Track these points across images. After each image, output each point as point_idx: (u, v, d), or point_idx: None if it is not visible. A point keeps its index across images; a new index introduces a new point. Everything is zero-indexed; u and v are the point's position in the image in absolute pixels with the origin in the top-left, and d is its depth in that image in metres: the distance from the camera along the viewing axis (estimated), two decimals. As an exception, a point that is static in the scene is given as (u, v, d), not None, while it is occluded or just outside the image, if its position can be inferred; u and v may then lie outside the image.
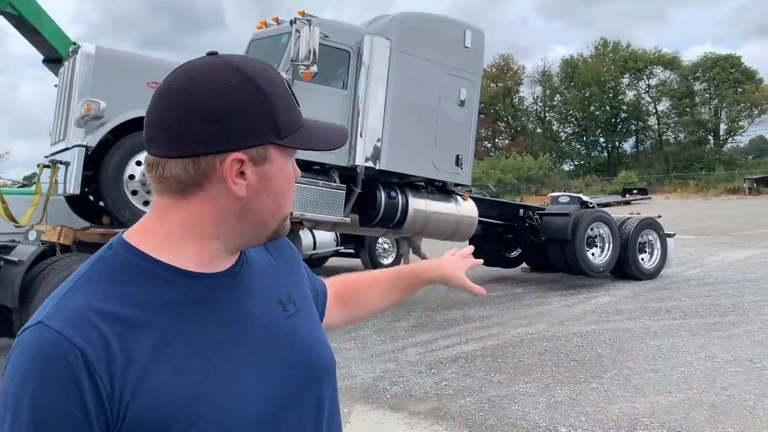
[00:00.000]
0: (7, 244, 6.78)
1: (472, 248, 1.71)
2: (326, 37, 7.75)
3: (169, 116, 0.95)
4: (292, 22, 7.62)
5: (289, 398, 1.03)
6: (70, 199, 7.83)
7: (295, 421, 1.03)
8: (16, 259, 6.24)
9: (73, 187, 6.77)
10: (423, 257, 11.95)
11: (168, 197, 0.99)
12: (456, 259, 1.62)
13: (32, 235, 6.48)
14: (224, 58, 0.98)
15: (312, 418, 1.07)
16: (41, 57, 9.22)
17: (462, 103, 9.02)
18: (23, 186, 11.09)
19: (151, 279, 0.96)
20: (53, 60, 8.52)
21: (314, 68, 7.39)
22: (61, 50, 8.18)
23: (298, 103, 1.03)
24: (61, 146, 7.36)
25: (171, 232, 0.99)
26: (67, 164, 6.99)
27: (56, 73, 8.32)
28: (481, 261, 1.74)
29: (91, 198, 8.01)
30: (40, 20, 8.06)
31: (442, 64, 8.76)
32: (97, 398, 0.86)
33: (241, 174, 0.97)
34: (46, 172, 7.55)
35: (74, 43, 7.69)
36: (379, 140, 8.17)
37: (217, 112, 0.93)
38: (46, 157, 7.84)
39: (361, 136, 8.07)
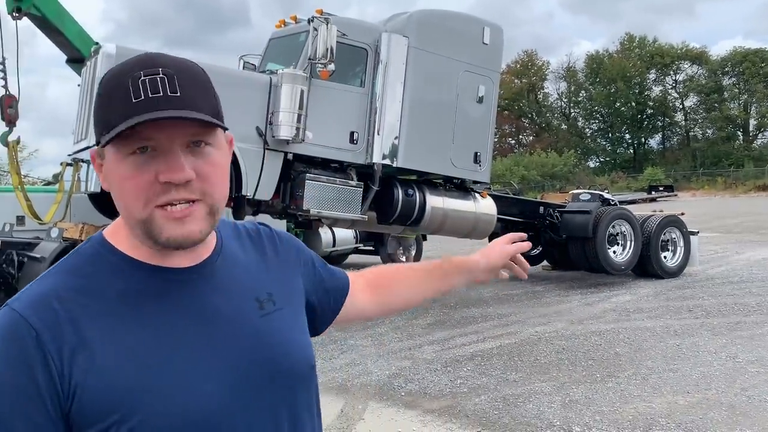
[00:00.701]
0: (30, 241, 6.93)
1: (523, 235, 1.59)
2: (344, 35, 7.77)
3: None
4: (309, 21, 7.65)
5: (247, 397, 1.02)
6: (93, 197, 7.96)
7: (252, 421, 1.02)
8: (38, 255, 6.38)
9: (95, 185, 6.89)
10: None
11: None
12: (499, 247, 1.53)
13: (54, 233, 6.61)
14: None
15: (272, 419, 1.05)
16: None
17: (480, 100, 8.97)
18: (49, 184, 11.28)
19: (114, 270, 1.01)
20: (76, 60, 8.65)
21: (332, 66, 7.43)
22: (83, 50, 8.29)
23: (154, 93, 0.94)
24: (83, 145, 7.48)
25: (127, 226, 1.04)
26: (88, 162, 7.11)
27: (79, 73, 8.47)
28: (529, 244, 1.58)
29: (113, 196, 8.12)
30: (63, 21, 8.18)
31: (461, 61, 8.72)
32: (48, 375, 0.91)
33: (101, 166, 1.03)
34: (69, 170, 7.69)
35: (96, 43, 7.81)
36: (396, 138, 8.17)
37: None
38: (69, 155, 7.98)
39: (378, 133, 8.08)
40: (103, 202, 8.16)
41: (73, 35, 8.37)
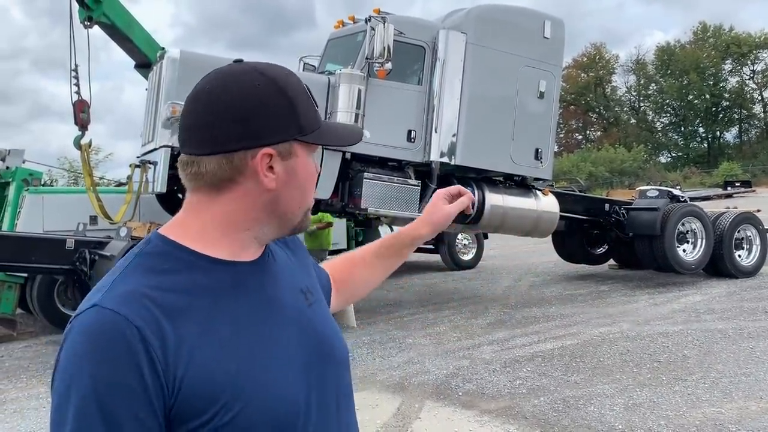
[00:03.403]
0: (102, 240, 7.22)
1: (455, 189, 1.62)
2: (401, 33, 7.77)
3: (203, 117, 1.03)
4: (366, 20, 7.68)
5: (315, 383, 1.09)
6: (160, 197, 8.23)
7: (321, 406, 1.09)
8: (108, 254, 6.65)
9: (161, 186, 7.12)
10: None
11: (203, 193, 1.07)
12: (440, 212, 1.58)
13: (123, 232, 6.87)
14: (251, 65, 1.08)
15: (332, 404, 1.12)
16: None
17: (541, 95, 8.79)
18: (121, 185, 11.74)
19: (188, 267, 1.03)
20: (144, 65, 8.97)
21: (389, 65, 7.44)
22: (150, 56, 8.59)
23: (317, 105, 1.12)
24: (150, 147, 7.75)
25: (205, 225, 1.07)
26: (155, 164, 7.36)
27: (147, 78, 8.77)
28: (470, 197, 1.63)
29: (180, 196, 8.38)
30: (131, 28, 8.50)
31: (521, 56, 8.57)
32: (153, 372, 0.92)
33: (271, 168, 1.05)
34: (138, 171, 7.98)
35: (162, 49, 8.07)
36: (454, 135, 8.10)
37: (247, 112, 1.02)
38: (138, 157, 8.28)
39: (436, 131, 8.03)
40: (170, 202, 8.45)
41: (140, 41, 8.68)
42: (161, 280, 1.00)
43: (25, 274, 7.97)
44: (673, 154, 68.59)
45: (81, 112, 8.08)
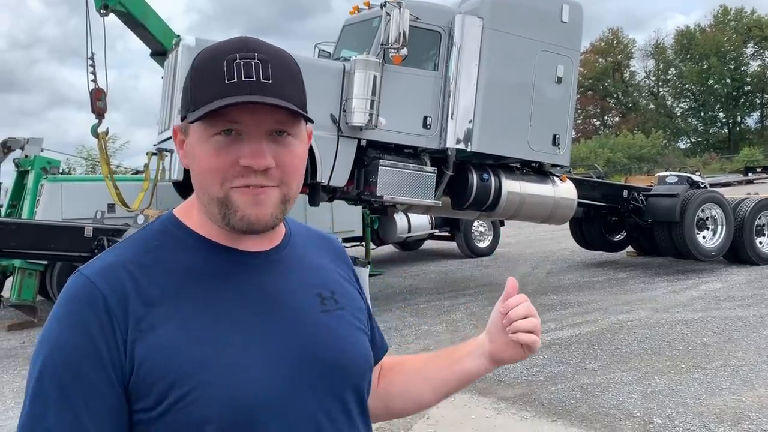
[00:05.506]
0: (119, 228, 7.27)
1: (514, 284, 1.21)
2: (417, 18, 7.68)
3: None
4: (382, 6, 7.61)
5: (297, 387, 1.01)
6: (177, 184, 8.25)
7: (298, 411, 1.00)
8: (126, 241, 6.69)
9: (177, 174, 7.15)
10: None
11: None
12: (499, 326, 1.22)
13: (141, 219, 6.90)
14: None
15: (321, 412, 1.03)
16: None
17: (559, 81, 8.67)
18: (138, 173, 11.81)
19: (180, 246, 1.04)
20: (160, 53, 8.98)
21: (404, 51, 7.35)
22: (166, 44, 8.60)
23: (239, 78, 0.95)
24: (166, 135, 7.77)
25: (199, 206, 1.06)
26: (171, 152, 7.37)
27: (163, 66, 8.78)
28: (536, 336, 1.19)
29: (196, 183, 8.39)
30: (147, 16, 8.51)
31: (538, 41, 8.45)
32: (113, 340, 0.93)
33: (183, 144, 1.05)
34: (154, 159, 8.02)
35: (177, 36, 8.07)
36: (470, 122, 8.02)
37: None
38: (154, 145, 8.31)
39: (452, 118, 7.96)
40: (186, 189, 8.48)
41: (156, 29, 8.69)
42: (147, 256, 1.01)
43: (45, 262, 8.06)
44: (693, 140, 67.80)
45: (98, 101, 8.12)
